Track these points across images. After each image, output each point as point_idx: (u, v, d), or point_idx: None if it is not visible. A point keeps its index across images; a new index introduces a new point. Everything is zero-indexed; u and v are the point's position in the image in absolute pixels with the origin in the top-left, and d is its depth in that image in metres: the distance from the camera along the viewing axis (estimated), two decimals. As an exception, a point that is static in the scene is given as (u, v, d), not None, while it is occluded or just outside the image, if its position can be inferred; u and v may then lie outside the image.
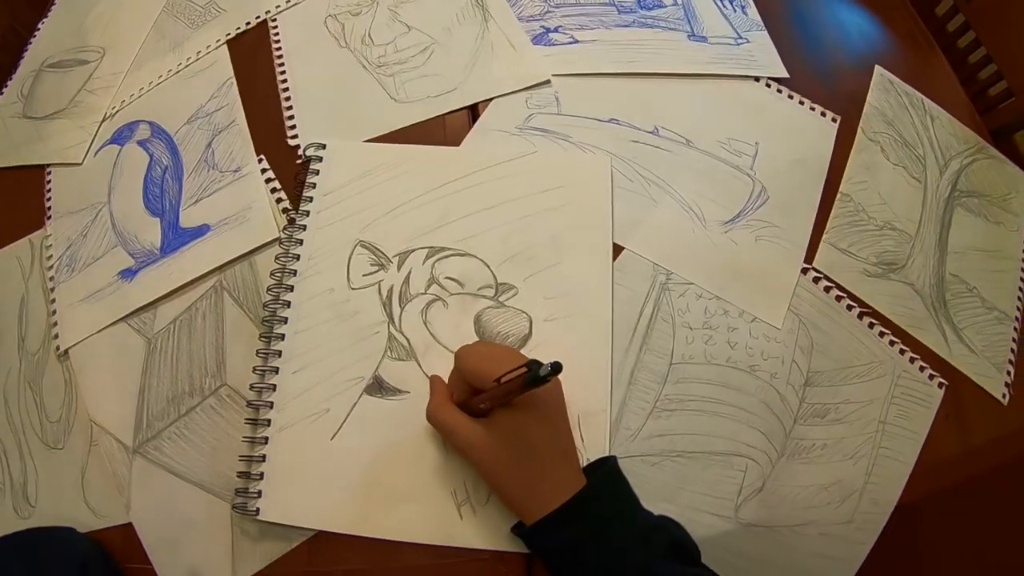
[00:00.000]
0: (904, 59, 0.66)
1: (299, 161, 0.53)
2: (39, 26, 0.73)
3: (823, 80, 0.61)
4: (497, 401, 0.37)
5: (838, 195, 0.54)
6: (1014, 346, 0.54)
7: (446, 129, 0.54)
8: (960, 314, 0.53)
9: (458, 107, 0.55)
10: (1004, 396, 0.52)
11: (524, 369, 0.34)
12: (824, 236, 0.52)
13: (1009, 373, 0.52)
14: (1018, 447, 0.50)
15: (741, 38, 0.60)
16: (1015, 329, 0.55)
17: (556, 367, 0.33)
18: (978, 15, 0.69)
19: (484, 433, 0.38)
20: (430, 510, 0.41)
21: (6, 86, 0.69)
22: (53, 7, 0.74)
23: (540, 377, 0.33)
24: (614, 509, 0.38)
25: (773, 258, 0.50)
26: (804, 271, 0.50)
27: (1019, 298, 0.56)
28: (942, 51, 0.69)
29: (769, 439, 0.45)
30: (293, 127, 0.55)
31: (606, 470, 0.39)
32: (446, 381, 0.43)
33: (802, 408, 0.47)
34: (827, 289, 0.50)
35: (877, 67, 0.63)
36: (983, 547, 0.54)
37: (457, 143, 0.53)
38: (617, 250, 0.49)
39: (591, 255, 0.47)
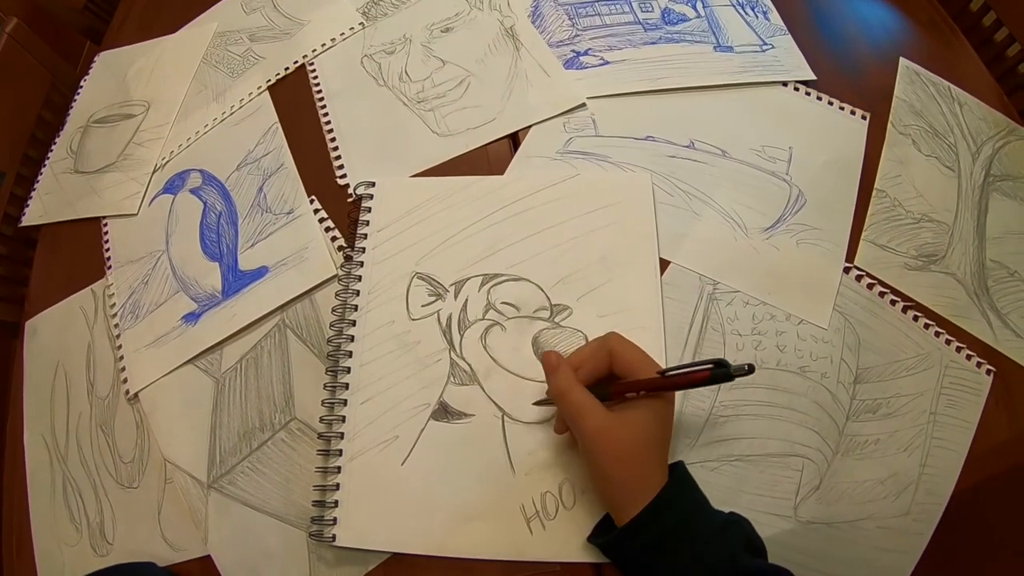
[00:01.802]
0: (928, 48, 0.64)
1: (350, 200, 0.54)
2: (81, 84, 0.76)
3: (850, 78, 0.60)
4: (648, 390, 0.38)
5: (874, 192, 0.54)
6: None
7: (490, 159, 0.55)
8: (1003, 299, 0.52)
9: (499, 136, 0.55)
10: None
11: (709, 365, 0.36)
12: (863, 234, 0.52)
13: None
14: None
15: (766, 44, 0.59)
16: None
17: (751, 368, 0.34)
18: None
19: (614, 419, 0.37)
20: (500, 527, 0.42)
21: (55, 143, 0.72)
22: (94, 65, 0.77)
23: (730, 374, 0.35)
24: (693, 506, 0.38)
25: (815, 260, 0.50)
26: (846, 270, 0.50)
27: None
28: (965, 35, 0.68)
29: (823, 437, 0.45)
30: (341, 167, 0.56)
31: (679, 472, 0.39)
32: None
33: (853, 405, 0.46)
34: (870, 286, 0.50)
35: (902, 59, 0.62)
36: None
37: (501, 171, 0.54)
38: (664, 264, 0.49)
39: (640, 271, 0.48)
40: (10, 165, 0.70)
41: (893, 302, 0.50)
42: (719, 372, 0.35)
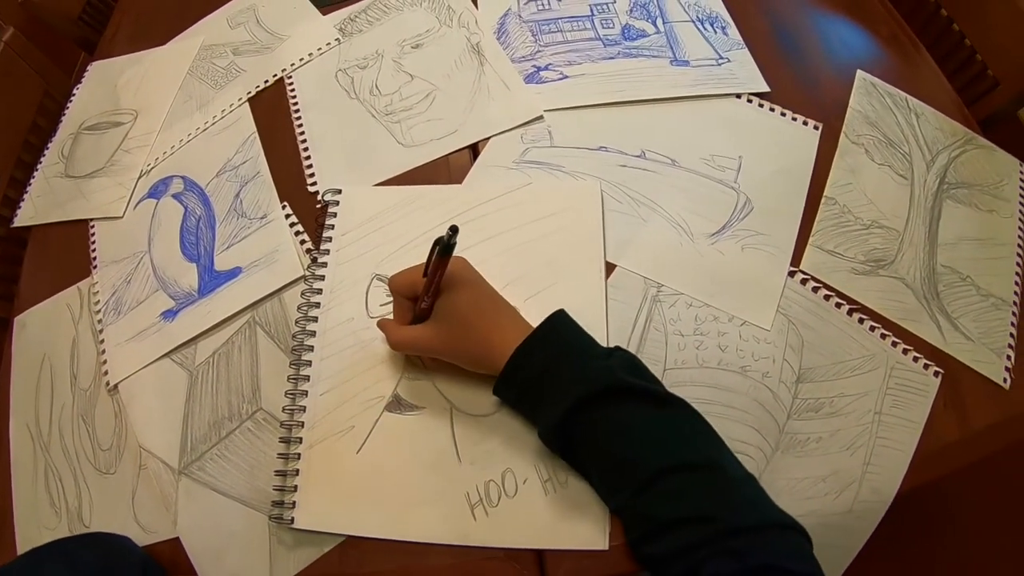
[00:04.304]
0: (888, 61, 0.70)
1: (318, 206, 0.60)
2: (74, 91, 0.83)
3: (805, 90, 0.65)
4: (430, 291, 0.45)
5: (823, 199, 0.59)
6: (1013, 331, 0.56)
7: (450, 168, 0.61)
8: (954, 303, 0.56)
9: (460, 147, 0.61)
10: (1005, 380, 0.54)
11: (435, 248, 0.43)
12: (810, 239, 0.57)
13: (1009, 358, 0.55)
14: (1022, 431, 0.53)
15: (722, 58, 0.65)
16: (1014, 314, 0.57)
17: (453, 228, 0.41)
18: (960, 8, 0.74)
19: (432, 325, 0.47)
20: (446, 512, 0.46)
21: (47, 148, 0.79)
22: (86, 74, 0.84)
23: (449, 243, 0.42)
24: (572, 336, 0.45)
25: (759, 264, 0.55)
26: (791, 274, 0.55)
27: (1016, 283, 0.58)
28: (930, 48, 0.74)
29: (763, 435, 0.49)
30: (312, 175, 0.63)
31: (555, 313, 0.46)
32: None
33: (795, 404, 0.50)
34: (815, 289, 0.54)
35: (859, 71, 0.67)
36: (988, 528, 0.58)
37: (460, 180, 0.60)
38: (611, 268, 0.54)
39: (585, 274, 0.53)
40: (4, 168, 0.77)
41: (838, 305, 0.54)
42: (443, 246, 0.43)
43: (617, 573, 0.45)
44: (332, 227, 0.58)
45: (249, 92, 0.71)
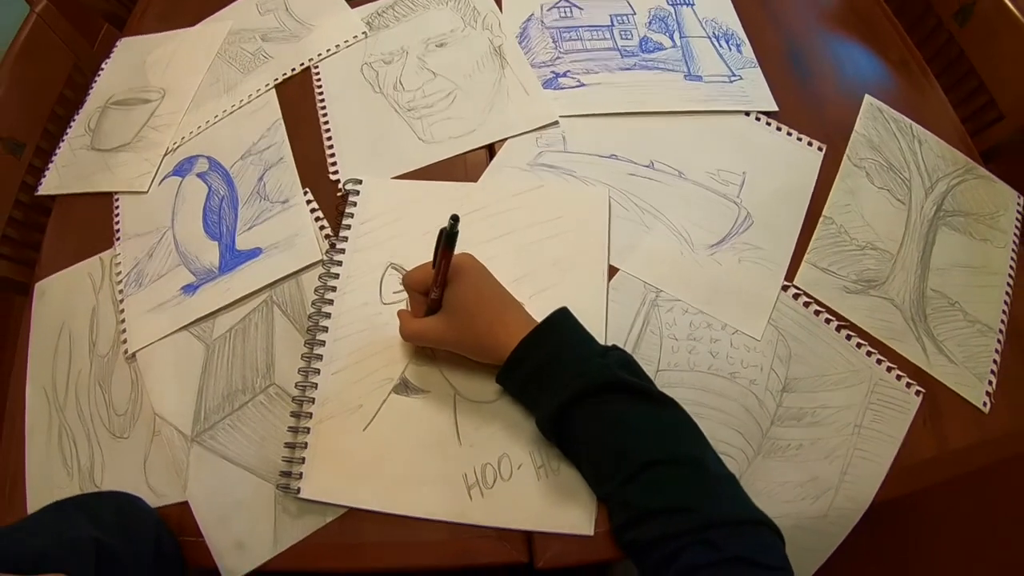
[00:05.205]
0: (897, 87, 0.74)
1: (339, 194, 0.64)
2: (103, 66, 0.87)
3: (813, 111, 0.69)
4: (438, 282, 0.49)
5: (821, 218, 0.62)
6: (997, 357, 0.60)
7: (467, 166, 0.65)
8: (941, 327, 0.60)
9: (477, 146, 0.66)
10: (985, 404, 0.57)
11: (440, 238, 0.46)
12: (806, 256, 0.61)
13: (991, 383, 0.58)
14: (998, 452, 0.56)
15: (735, 75, 0.69)
16: (999, 341, 0.60)
17: (455, 217, 0.45)
18: (971, 39, 0.77)
19: (440, 318, 0.51)
20: (444, 491, 0.51)
21: (74, 120, 0.82)
22: (115, 49, 0.88)
23: (452, 232, 0.45)
24: (573, 334, 0.49)
25: (755, 277, 0.59)
26: (785, 288, 0.59)
27: (1004, 311, 0.62)
28: (939, 76, 0.78)
29: (746, 438, 0.53)
30: (334, 163, 0.67)
31: (558, 310, 0.50)
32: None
33: (779, 411, 0.54)
34: (806, 304, 0.58)
35: (867, 96, 0.71)
36: (961, 543, 0.62)
37: (475, 179, 0.64)
38: (613, 271, 0.58)
39: (588, 276, 0.57)
40: (31, 137, 0.80)
41: (828, 320, 0.58)
42: (448, 235, 0.46)
43: (600, 558, 0.48)
44: (352, 215, 0.62)
45: (276, 79, 0.75)
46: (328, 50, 0.76)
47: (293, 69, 0.76)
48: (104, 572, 0.43)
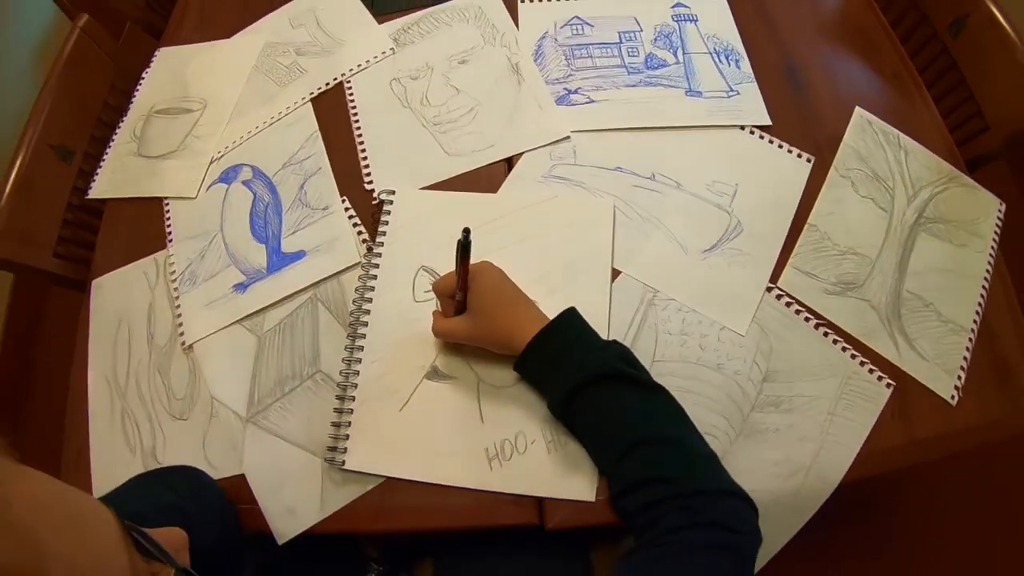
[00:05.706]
0: (888, 98, 0.79)
1: (374, 203, 0.73)
2: (143, 75, 0.91)
3: (805, 123, 0.75)
4: (460, 286, 0.57)
5: (806, 226, 0.69)
6: (967, 354, 0.65)
7: (488, 177, 0.73)
8: (914, 326, 0.66)
9: (496, 160, 0.73)
10: (952, 398, 0.62)
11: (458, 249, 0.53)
12: (790, 260, 0.68)
13: (960, 378, 0.63)
14: (963, 444, 0.61)
15: (732, 91, 0.76)
16: (970, 339, 0.66)
17: (466, 230, 0.52)
18: (964, 51, 0.82)
19: (465, 317, 0.59)
20: (469, 463, 0.59)
21: (119, 127, 0.87)
22: (154, 59, 0.93)
23: (465, 243, 0.52)
24: (579, 330, 0.57)
25: (742, 279, 0.66)
26: (769, 289, 0.66)
27: (977, 312, 0.67)
28: (930, 85, 0.82)
29: (729, 422, 0.61)
30: (368, 174, 0.74)
31: (568, 310, 0.57)
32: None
33: (759, 399, 0.62)
34: (788, 304, 0.66)
35: (857, 108, 0.77)
36: (922, 524, 0.69)
37: (495, 189, 0.72)
38: (616, 273, 0.67)
39: (594, 278, 0.66)
40: (79, 144, 0.84)
41: (808, 319, 0.65)
42: (461, 246, 0.53)
43: (600, 522, 0.57)
44: (387, 223, 0.71)
45: (312, 92, 0.82)
46: (359, 65, 0.83)
47: (327, 84, 0.82)
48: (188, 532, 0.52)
